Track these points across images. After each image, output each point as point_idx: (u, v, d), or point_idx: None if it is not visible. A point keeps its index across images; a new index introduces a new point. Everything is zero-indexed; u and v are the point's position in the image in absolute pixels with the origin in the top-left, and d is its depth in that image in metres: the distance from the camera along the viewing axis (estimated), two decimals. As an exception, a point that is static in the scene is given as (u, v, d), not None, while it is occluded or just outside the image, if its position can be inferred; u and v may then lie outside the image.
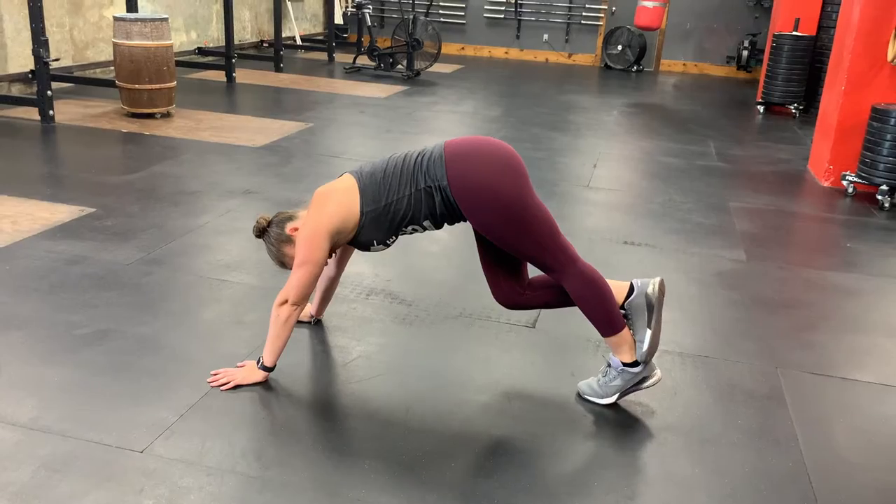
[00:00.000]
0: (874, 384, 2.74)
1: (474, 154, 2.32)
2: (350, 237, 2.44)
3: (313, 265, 2.37)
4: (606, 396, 2.49)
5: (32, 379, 2.43)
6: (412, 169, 2.36)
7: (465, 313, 3.09)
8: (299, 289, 2.38)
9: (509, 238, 2.32)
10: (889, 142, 4.96)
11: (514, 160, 2.33)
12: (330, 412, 2.37)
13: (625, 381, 2.46)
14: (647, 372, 2.46)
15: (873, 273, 3.83)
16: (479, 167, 2.29)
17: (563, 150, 6.10)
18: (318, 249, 2.36)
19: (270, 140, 5.78)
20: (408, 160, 2.39)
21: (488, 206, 2.28)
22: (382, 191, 2.36)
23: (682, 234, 4.21)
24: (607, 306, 2.40)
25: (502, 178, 2.28)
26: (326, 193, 2.41)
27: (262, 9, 10.86)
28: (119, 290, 3.09)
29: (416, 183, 2.34)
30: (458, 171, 2.30)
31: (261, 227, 2.58)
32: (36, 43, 5.69)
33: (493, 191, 2.27)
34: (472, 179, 2.29)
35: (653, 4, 9.50)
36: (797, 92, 8.31)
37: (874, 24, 5.18)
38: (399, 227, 2.42)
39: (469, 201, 2.30)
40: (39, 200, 4.08)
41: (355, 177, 2.42)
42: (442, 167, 2.31)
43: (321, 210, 2.38)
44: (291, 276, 2.39)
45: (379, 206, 2.36)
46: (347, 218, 2.37)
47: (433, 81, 9.31)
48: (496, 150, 2.33)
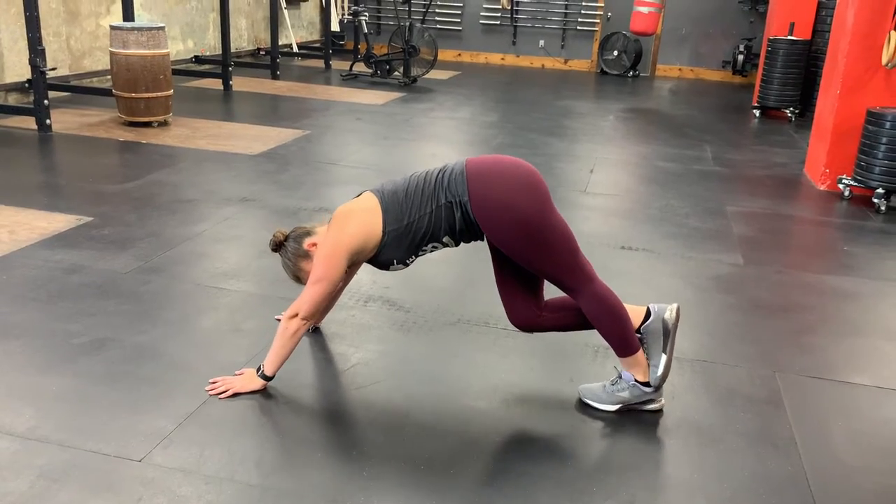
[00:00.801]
0: (872, 387, 2.75)
1: (496, 171, 2.32)
2: (370, 256, 2.43)
3: (329, 283, 2.37)
4: (610, 404, 2.49)
5: (30, 388, 2.42)
6: (433, 186, 2.36)
7: (464, 319, 3.09)
8: (312, 304, 2.38)
9: (527, 255, 2.33)
10: (885, 145, 4.98)
11: (534, 178, 2.34)
12: (329, 419, 2.37)
13: (633, 396, 2.47)
14: (655, 395, 2.47)
15: (870, 276, 3.84)
16: (500, 183, 2.30)
17: (560, 155, 6.11)
18: (335, 268, 2.36)
19: (268, 147, 5.79)
20: (429, 178, 2.39)
21: (508, 222, 2.29)
22: (405, 210, 2.36)
23: (679, 239, 4.22)
24: (623, 326, 2.41)
25: (523, 195, 2.29)
26: (348, 212, 2.40)
27: (259, 17, 10.89)
28: (117, 299, 3.08)
29: (437, 199, 2.35)
30: (479, 187, 2.30)
31: (278, 241, 2.58)
32: (33, 52, 5.69)
33: (514, 207, 2.28)
34: (492, 195, 2.29)
35: (648, 10, 9.53)
36: (793, 96, 8.33)
37: (869, 27, 5.20)
38: (420, 246, 2.42)
39: (489, 217, 2.30)
40: (37, 210, 4.08)
41: (377, 196, 2.41)
42: (463, 183, 2.32)
43: (343, 229, 2.37)
44: (305, 291, 2.39)
45: (401, 226, 2.37)
46: (369, 238, 2.37)
47: (430, 88, 9.32)
48: (517, 168, 2.34)
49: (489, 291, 3.32)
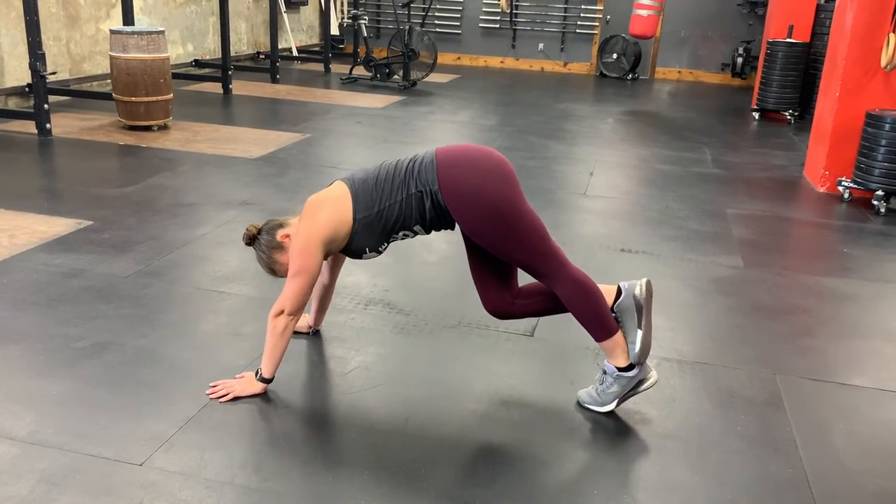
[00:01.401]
0: (872, 389, 2.75)
1: (465, 159, 2.34)
2: (343, 245, 2.44)
3: (308, 274, 2.38)
4: (606, 404, 2.49)
5: (31, 392, 2.42)
6: (404, 175, 2.38)
7: (464, 322, 3.09)
8: (295, 298, 2.39)
9: (499, 242, 2.33)
10: (884, 147, 4.98)
11: (503, 166, 2.35)
12: (329, 423, 2.37)
13: (622, 387, 2.46)
14: (642, 374, 2.45)
15: (870, 278, 3.84)
16: (469, 172, 2.31)
17: (560, 158, 6.12)
18: (312, 258, 2.37)
19: (267, 151, 5.79)
20: (399, 166, 2.41)
21: (478, 210, 2.29)
22: (375, 197, 2.38)
23: (679, 242, 4.22)
24: (599, 310, 2.40)
25: (492, 183, 2.30)
26: (319, 202, 2.42)
27: (259, 20, 10.90)
28: (117, 303, 3.09)
29: (408, 188, 2.36)
30: (448, 176, 2.31)
31: (251, 234, 2.58)
32: (33, 57, 5.70)
33: (483, 196, 2.28)
34: (462, 184, 2.30)
35: (647, 13, 9.55)
36: (792, 98, 8.34)
37: (867, 30, 5.21)
38: (391, 233, 2.43)
39: (459, 206, 2.31)
40: (37, 214, 4.08)
41: (347, 184, 2.43)
42: (433, 172, 2.33)
43: (314, 218, 2.38)
44: (286, 287, 2.40)
45: (371, 213, 2.38)
46: (340, 225, 2.38)
47: (429, 91, 9.33)
48: (486, 156, 2.35)
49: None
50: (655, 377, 2.48)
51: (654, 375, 2.48)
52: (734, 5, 11.45)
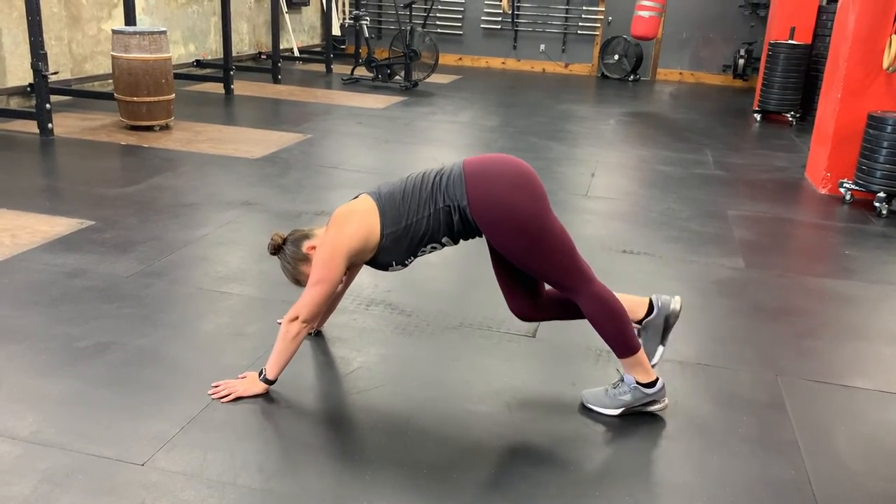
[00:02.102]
0: (875, 391, 2.75)
1: (493, 174, 2.32)
2: (368, 258, 2.45)
3: (328, 284, 2.38)
4: (612, 408, 2.49)
5: (33, 392, 2.42)
6: (431, 189, 2.37)
7: (466, 323, 3.09)
8: (312, 307, 2.39)
9: (525, 257, 2.33)
10: (886, 149, 4.98)
11: (532, 180, 2.34)
12: (331, 423, 2.37)
13: (634, 399, 2.47)
14: (658, 396, 2.47)
15: (872, 280, 3.84)
16: (498, 187, 2.30)
17: (561, 159, 6.12)
18: (335, 270, 2.37)
19: (269, 151, 5.79)
20: (426, 180, 2.39)
21: (506, 225, 2.29)
22: (402, 212, 2.37)
23: (680, 243, 4.22)
24: (622, 328, 2.41)
25: (521, 199, 2.29)
26: (347, 214, 2.41)
27: (260, 21, 10.90)
28: (119, 303, 3.09)
29: (435, 202, 2.35)
30: (477, 191, 2.30)
31: (276, 244, 2.58)
32: (35, 56, 5.70)
33: (512, 211, 2.28)
34: (491, 199, 2.29)
35: (649, 14, 9.55)
36: (793, 100, 8.34)
37: (869, 32, 5.21)
38: (418, 247, 2.43)
39: (488, 220, 2.31)
40: (39, 213, 4.08)
41: (374, 198, 2.41)
42: (462, 187, 2.32)
43: (341, 231, 2.38)
44: (305, 294, 2.39)
45: (399, 228, 2.37)
46: (368, 240, 2.38)
47: (431, 92, 9.34)
48: (515, 171, 2.33)
49: (491, 294, 3.31)
50: (667, 403, 2.50)
51: (667, 402, 2.50)
52: (736, 7, 11.45)
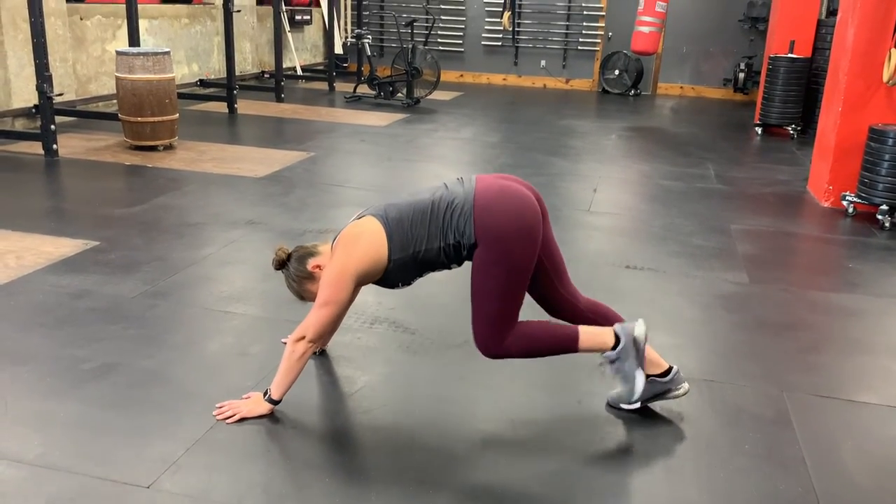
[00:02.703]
0: (881, 406, 2.74)
1: (503, 216, 2.32)
2: (375, 279, 2.46)
3: (336, 305, 2.38)
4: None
5: (38, 415, 2.43)
6: (441, 223, 2.37)
7: (469, 341, 3.07)
8: (318, 327, 2.39)
9: (490, 291, 2.35)
10: (887, 162, 4.99)
11: (537, 225, 2.36)
12: (336, 443, 2.37)
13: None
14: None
15: (876, 293, 3.83)
16: (506, 232, 2.31)
17: (563, 174, 6.13)
18: (343, 291, 2.37)
19: (273, 170, 5.82)
20: (436, 211, 2.38)
21: (501, 265, 2.33)
22: (410, 240, 2.38)
23: (683, 258, 4.22)
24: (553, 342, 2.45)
25: (523, 246, 2.33)
26: (356, 235, 2.41)
27: (263, 40, 10.98)
28: (124, 324, 3.09)
29: (445, 237, 2.37)
30: (486, 234, 2.33)
31: (280, 259, 2.59)
32: (40, 78, 5.75)
33: (511, 257, 2.32)
34: (497, 242, 2.32)
35: (649, 29, 9.59)
36: (794, 113, 8.36)
37: (869, 45, 5.23)
38: (425, 272, 2.47)
39: (486, 254, 2.34)
40: (43, 235, 4.10)
41: (381, 222, 2.41)
42: (471, 226, 2.33)
43: (350, 253, 2.38)
44: (312, 314, 2.40)
45: (407, 254, 2.39)
46: (375, 263, 2.39)
47: (433, 109, 9.38)
48: (522, 216, 2.33)
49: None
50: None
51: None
52: (735, 21, 11.51)
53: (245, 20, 10.34)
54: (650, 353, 2.56)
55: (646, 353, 2.53)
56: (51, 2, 6.89)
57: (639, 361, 2.48)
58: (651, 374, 2.56)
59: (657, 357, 2.58)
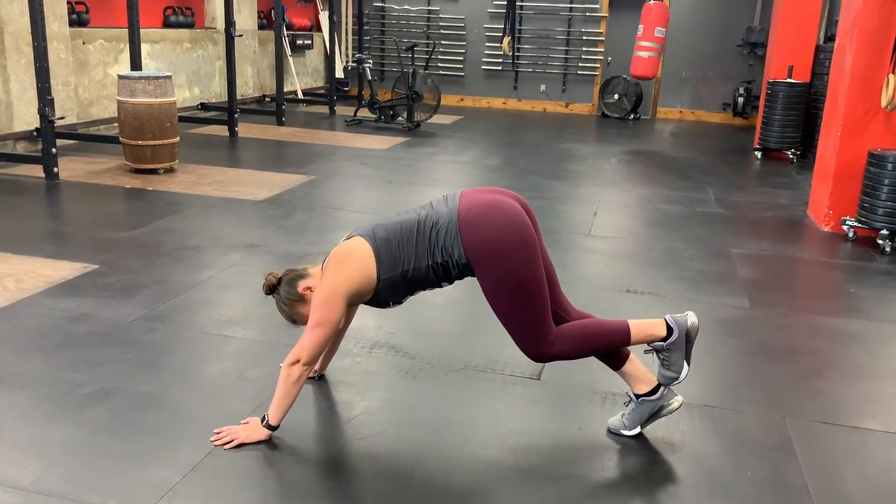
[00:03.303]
0: (883, 432, 2.71)
1: (489, 230, 2.32)
2: (366, 299, 2.46)
3: (328, 326, 2.37)
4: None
5: (35, 440, 2.41)
6: (427, 242, 2.37)
7: (470, 365, 3.07)
8: (312, 349, 2.38)
9: (511, 308, 2.37)
10: (887, 186, 4.99)
11: (527, 231, 2.35)
12: (335, 470, 2.34)
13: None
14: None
15: (878, 318, 3.82)
16: (496, 246, 2.31)
17: (564, 198, 6.14)
18: (334, 312, 2.36)
19: (273, 193, 5.83)
20: (421, 229, 2.38)
21: (503, 283, 2.33)
22: (398, 259, 2.38)
23: (684, 282, 4.21)
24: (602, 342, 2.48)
25: (519, 256, 2.32)
26: (344, 255, 2.41)
27: (264, 64, 11.05)
28: (122, 348, 3.08)
29: (433, 256, 2.37)
30: (476, 250, 2.32)
31: (271, 284, 2.58)
32: (42, 102, 5.78)
33: (511, 269, 2.32)
34: (491, 258, 2.32)
35: (648, 54, 9.66)
36: (794, 137, 8.40)
37: (867, 71, 5.26)
38: (416, 290, 2.46)
39: (486, 276, 2.35)
40: (43, 258, 4.09)
41: (369, 242, 2.41)
42: (459, 245, 2.33)
43: (340, 272, 2.38)
44: (304, 337, 2.38)
45: (395, 273, 2.39)
46: (365, 283, 2.39)
47: (433, 132, 9.42)
48: (510, 223, 2.34)
49: (495, 335, 3.30)
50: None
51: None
52: (734, 46, 11.60)
53: (247, 44, 10.42)
54: (638, 370, 2.55)
55: (634, 371, 2.55)
56: (53, 26, 6.95)
57: (687, 353, 2.48)
58: (641, 395, 2.54)
59: (645, 373, 2.56)
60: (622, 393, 2.86)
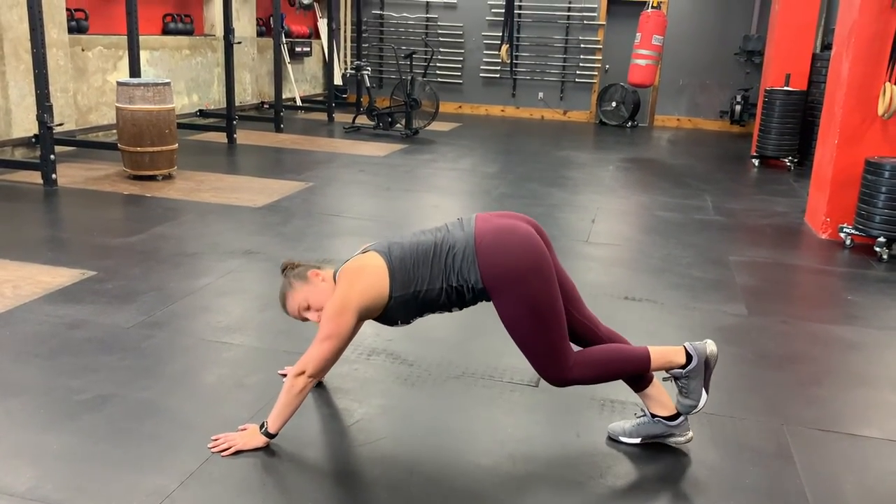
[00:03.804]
0: (882, 440, 2.71)
1: (506, 255, 2.32)
2: (376, 315, 2.46)
3: (338, 340, 2.36)
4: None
5: (32, 447, 2.40)
6: (443, 266, 2.37)
7: (468, 372, 3.07)
8: (319, 362, 2.37)
9: (529, 332, 2.37)
10: (884, 194, 5.00)
11: (542, 256, 2.35)
12: (333, 478, 2.34)
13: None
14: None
15: (875, 325, 3.82)
16: (514, 272, 2.31)
17: (562, 205, 6.15)
18: (345, 325, 2.35)
19: (271, 200, 5.83)
20: (438, 253, 2.38)
21: (522, 306, 2.33)
22: (412, 279, 2.38)
23: (682, 289, 4.21)
24: (622, 367, 2.49)
25: (537, 282, 2.32)
26: (359, 269, 2.41)
27: (263, 71, 11.07)
28: (120, 354, 3.07)
29: (448, 280, 2.37)
30: (493, 276, 2.33)
31: (290, 264, 2.63)
32: (40, 108, 5.78)
33: (528, 295, 2.32)
34: (508, 285, 2.32)
35: (645, 62, 9.69)
36: (791, 145, 8.42)
37: (864, 79, 5.28)
38: (426, 311, 2.47)
39: (503, 302, 2.35)
40: (41, 264, 4.09)
41: (384, 258, 2.41)
42: (475, 270, 2.34)
43: (353, 285, 2.38)
44: (313, 348, 2.37)
45: (408, 293, 2.39)
46: (377, 299, 2.38)
47: (431, 139, 9.43)
48: (527, 249, 2.34)
49: (493, 342, 3.30)
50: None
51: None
52: (731, 54, 11.63)
53: (245, 51, 10.44)
54: (661, 394, 2.57)
55: (656, 395, 2.56)
56: (53, 33, 6.96)
57: (706, 380, 2.49)
58: (658, 416, 2.55)
59: (667, 399, 2.57)
60: (620, 401, 2.86)
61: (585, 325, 2.55)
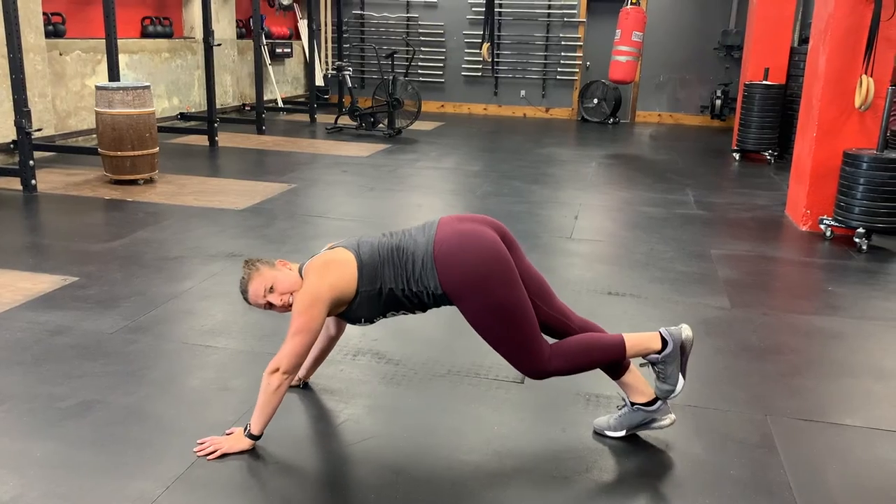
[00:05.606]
0: (864, 428, 2.75)
1: (463, 262, 2.35)
2: (341, 311, 2.47)
3: (309, 333, 2.36)
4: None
5: (15, 455, 2.38)
6: (402, 271, 2.40)
7: (454, 371, 3.08)
8: (292, 357, 2.37)
9: (497, 333, 2.41)
10: (862, 185, 5.06)
11: (503, 261, 2.36)
12: (320, 478, 2.33)
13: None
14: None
15: (856, 316, 3.86)
16: (471, 277, 2.34)
17: (544, 202, 6.17)
18: (315, 318, 2.36)
19: (254, 202, 5.81)
20: (400, 257, 2.41)
21: (484, 307, 2.36)
22: (377, 276, 2.41)
23: (665, 284, 4.24)
24: (599, 357, 2.50)
25: (495, 284, 2.34)
26: (326, 262, 2.43)
27: (244, 73, 11.02)
28: (103, 360, 3.05)
29: (409, 286, 2.40)
30: (451, 282, 2.36)
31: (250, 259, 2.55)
32: (18, 114, 5.73)
33: (489, 295, 2.35)
34: (467, 289, 2.36)
35: (626, 59, 9.74)
36: (771, 139, 8.49)
37: (840, 72, 5.33)
38: (390, 311, 2.48)
39: (465, 305, 2.39)
40: (21, 271, 4.05)
41: (353, 253, 2.43)
42: (434, 277, 2.37)
43: (323, 277, 2.38)
44: (286, 345, 2.38)
45: (374, 289, 2.41)
46: (345, 291, 2.40)
47: (414, 139, 9.43)
48: (485, 253, 2.36)
49: (479, 341, 3.28)
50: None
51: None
52: (710, 49, 11.71)
53: (226, 53, 10.39)
54: (637, 381, 2.59)
55: (634, 382, 2.57)
56: (29, 38, 6.89)
57: (682, 365, 2.51)
58: (637, 403, 2.57)
59: (644, 385, 2.59)
60: (605, 395, 2.88)
61: (557, 319, 2.56)
